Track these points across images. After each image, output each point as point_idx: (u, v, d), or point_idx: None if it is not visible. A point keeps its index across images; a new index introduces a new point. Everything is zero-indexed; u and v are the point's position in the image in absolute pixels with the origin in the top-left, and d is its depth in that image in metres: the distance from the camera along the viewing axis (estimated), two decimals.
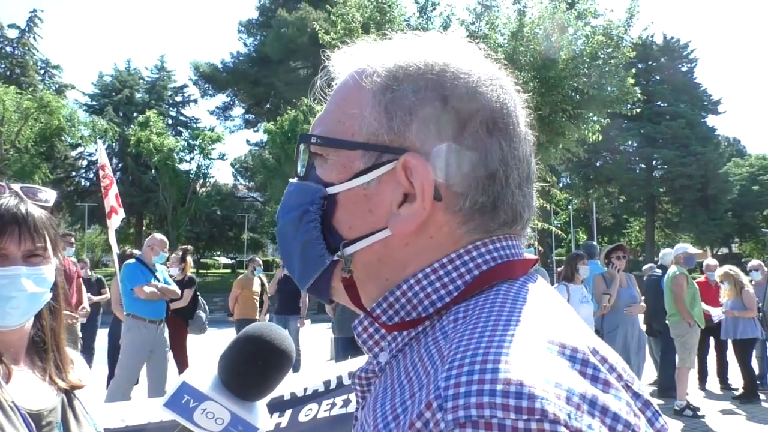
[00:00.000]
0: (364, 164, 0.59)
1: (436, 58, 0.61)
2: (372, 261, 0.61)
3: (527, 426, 0.40)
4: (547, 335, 0.49)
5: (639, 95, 12.15)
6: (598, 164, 42.11)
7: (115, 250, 6.98)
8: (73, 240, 6.90)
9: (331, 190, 0.61)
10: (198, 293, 7.77)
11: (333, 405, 2.08)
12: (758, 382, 7.68)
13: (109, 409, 1.87)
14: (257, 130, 42.07)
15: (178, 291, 6.32)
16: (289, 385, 2.04)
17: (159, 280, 5.94)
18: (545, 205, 12.47)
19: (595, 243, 7.74)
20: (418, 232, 0.58)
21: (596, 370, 0.47)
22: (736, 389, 7.92)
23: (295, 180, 0.67)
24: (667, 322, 6.95)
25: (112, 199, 7.09)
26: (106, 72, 42.25)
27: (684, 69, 43.79)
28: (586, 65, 10.90)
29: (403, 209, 0.58)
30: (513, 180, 0.60)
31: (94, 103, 39.45)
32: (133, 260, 6.00)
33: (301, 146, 0.65)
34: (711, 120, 44.93)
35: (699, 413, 6.62)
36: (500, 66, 0.65)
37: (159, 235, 6.27)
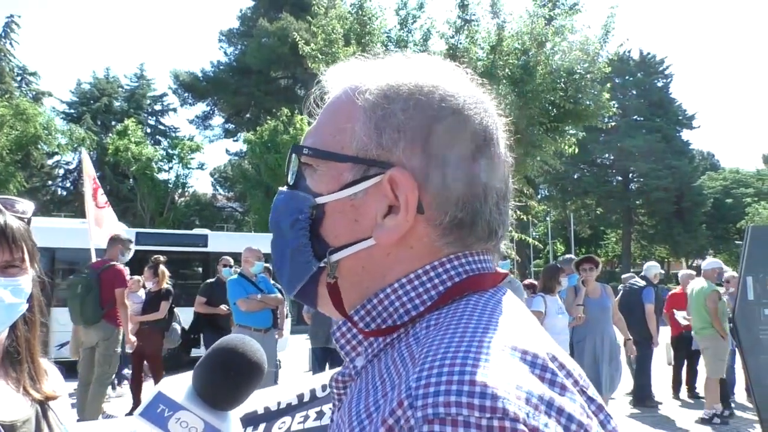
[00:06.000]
0: (352, 176, 0.63)
1: (425, 80, 0.64)
2: (356, 268, 0.64)
3: (489, 423, 0.44)
4: (510, 342, 0.52)
5: (615, 109, 12.36)
6: (575, 176, 42.62)
7: (94, 258, 6.90)
8: (132, 245, 6.64)
9: (320, 200, 0.64)
10: (174, 305, 7.71)
11: (306, 417, 2.08)
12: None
13: (81, 427, 1.85)
14: (237, 140, 41.81)
15: (280, 297, 6.38)
16: (262, 400, 2.04)
17: (262, 290, 6.12)
18: (523, 216, 12.56)
19: (572, 256, 7.88)
20: (400, 242, 0.62)
21: (554, 375, 0.51)
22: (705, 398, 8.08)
23: (284, 188, 0.69)
24: (693, 334, 7.23)
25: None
26: (84, 79, 41.66)
27: (660, 84, 44.61)
28: (562, 80, 11.06)
29: (387, 220, 0.61)
30: (491, 198, 0.64)
31: (72, 110, 38.88)
32: (236, 276, 6.31)
33: (293, 156, 0.68)
34: (686, 134, 45.78)
35: (724, 418, 6.94)
36: (485, 91, 0.69)
37: (251, 247, 6.44)
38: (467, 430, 0.44)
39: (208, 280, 7.94)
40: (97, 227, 7.34)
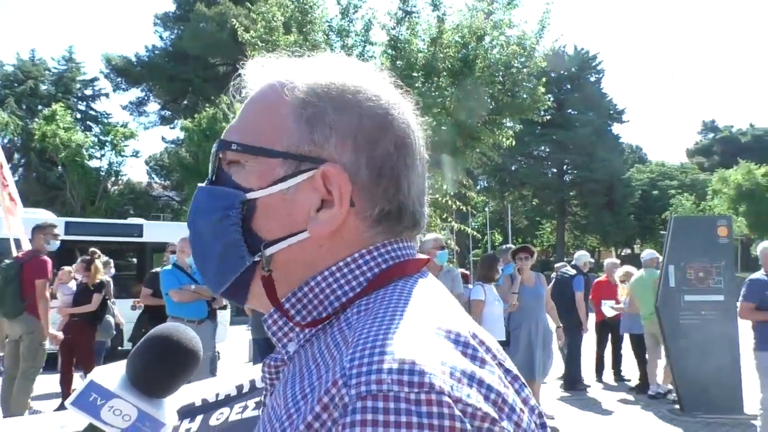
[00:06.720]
0: (284, 171, 0.64)
1: (351, 80, 0.67)
2: (288, 261, 0.66)
3: (417, 397, 0.48)
4: (435, 322, 0.57)
5: (550, 103, 12.72)
6: (513, 168, 43.68)
7: (15, 253, 6.60)
8: (57, 232, 6.36)
9: (251, 195, 0.65)
10: (107, 298, 7.47)
11: (245, 408, 2.07)
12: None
13: (8, 423, 1.79)
14: (174, 127, 40.59)
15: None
16: (200, 392, 2.03)
17: (197, 281, 5.91)
18: (462, 207, 12.80)
19: (511, 246, 8.13)
20: (332, 234, 0.64)
21: (475, 351, 0.56)
22: (629, 380, 8.51)
23: (204, 184, 0.70)
24: (642, 322, 7.56)
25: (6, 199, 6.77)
26: (7, 61, 39.37)
27: (592, 79, 46.17)
28: (500, 73, 11.32)
29: (321, 214, 0.64)
30: (413, 192, 0.68)
31: None
32: (170, 266, 6.11)
33: (218, 152, 0.68)
34: (616, 128, 47.74)
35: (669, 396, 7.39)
36: (402, 92, 0.72)
37: (187, 237, 6.12)
38: (397, 404, 0.48)
39: (153, 270, 7.66)
40: (11, 216, 6.96)
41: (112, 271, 8.55)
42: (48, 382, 7.51)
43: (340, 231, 0.64)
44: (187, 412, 1.93)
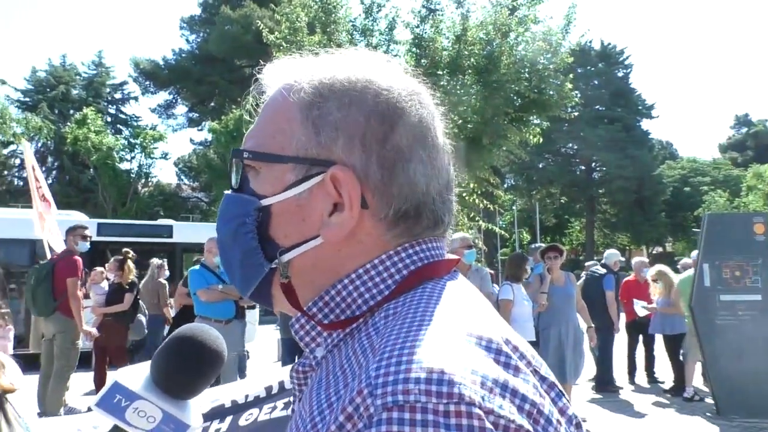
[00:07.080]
0: (295, 177, 0.63)
1: (358, 76, 0.65)
2: (307, 267, 0.64)
3: (446, 408, 0.45)
4: (466, 328, 0.54)
5: (577, 99, 12.53)
6: (540, 166, 43.18)
7: (48, 255, 6.75)
8: (86, 233, 6.51)
9: (265, 201, 0.65)
10: (138, 298, 7.59)
11: (274, 408, 2.08)
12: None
13: (42, 423, 1.81)
14: (201, 129, 41.10)
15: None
16: (230, 393, 2.04)
17: (224, 281, 5.95)
18: (490, 206, 12.69)
19: (541, 245, 8.04)
20: (349, 238, 0.62)
21: (508, 358, 0.53)
22: (662, 382, 8.31)
23: (229, 192, 0.69)
24: (686, 321, 7.41)
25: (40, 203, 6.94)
26: (39, 67, 40.39)
27: (620, 74, 45.42)
28: (526, 70, 11.18)
29: (333, 218, 0.62)
30: (433, 188, 0.65)
31: (27, 99, 37.64)
32: (198, 266, 6.18)
33: (234, 160, 0.68)
34: (645, 124, 46.80)
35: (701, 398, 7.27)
36: (420, 81, 0.69)
37: (214, 237, 6.26)
38: (425, 416, 0.45)
39: (191, 268, 7.73)
40: (44, 217, 7.14)
41: (167, 273, 8.75)
42: (85, 380, 7.67)
43: (356, 234, 0.63)
44: (216, 413, 1.94)
